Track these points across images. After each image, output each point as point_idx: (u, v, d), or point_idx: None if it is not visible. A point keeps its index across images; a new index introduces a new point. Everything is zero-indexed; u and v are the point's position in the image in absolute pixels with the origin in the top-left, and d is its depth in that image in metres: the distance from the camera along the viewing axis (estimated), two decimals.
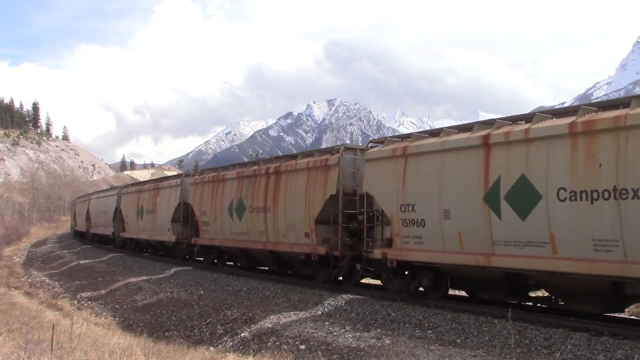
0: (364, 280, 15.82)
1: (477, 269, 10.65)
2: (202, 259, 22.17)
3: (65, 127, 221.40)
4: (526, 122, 10.18)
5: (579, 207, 8.81)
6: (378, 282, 15.19)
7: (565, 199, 8.98)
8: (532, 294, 11.50)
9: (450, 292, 13.24)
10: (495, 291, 11.20)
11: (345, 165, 14.30)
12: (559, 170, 9.11)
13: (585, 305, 9.68)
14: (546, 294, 10.92)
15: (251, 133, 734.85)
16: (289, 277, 17.43)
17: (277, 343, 10.12)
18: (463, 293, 13.92)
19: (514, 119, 10.66)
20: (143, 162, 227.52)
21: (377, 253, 12.69)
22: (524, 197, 9.57)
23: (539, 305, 11.29)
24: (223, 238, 19.31)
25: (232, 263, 21.24)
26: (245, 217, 17.56)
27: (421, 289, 12.33)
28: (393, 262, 12.32)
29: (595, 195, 8.61)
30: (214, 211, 19.60)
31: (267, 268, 18.99)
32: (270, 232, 16.37)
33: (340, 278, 14.93)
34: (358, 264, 14.21)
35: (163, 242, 25.47)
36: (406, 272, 12.60)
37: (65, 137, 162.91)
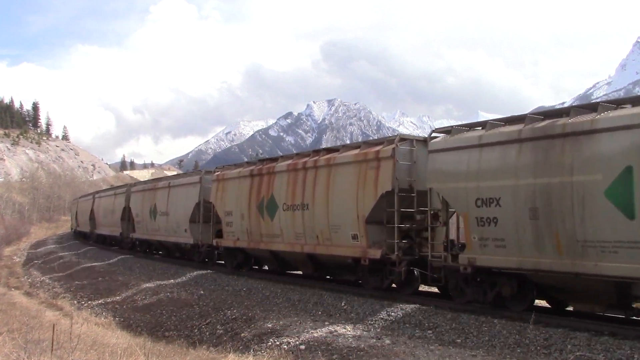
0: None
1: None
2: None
3: (65, 127, 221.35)
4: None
5: None
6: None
7: None
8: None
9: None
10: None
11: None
12: None
13: None
14: None
15: (251, 133, 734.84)
16: (290, 277, 17.36)
17: (278, 343, 10.12)
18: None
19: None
20: (143, 162, 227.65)
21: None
22: None
23: None
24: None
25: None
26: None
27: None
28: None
29: None
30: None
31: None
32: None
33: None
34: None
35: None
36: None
37: (65, 137, 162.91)
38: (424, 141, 12.70)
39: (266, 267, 19.21)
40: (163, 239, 25.23)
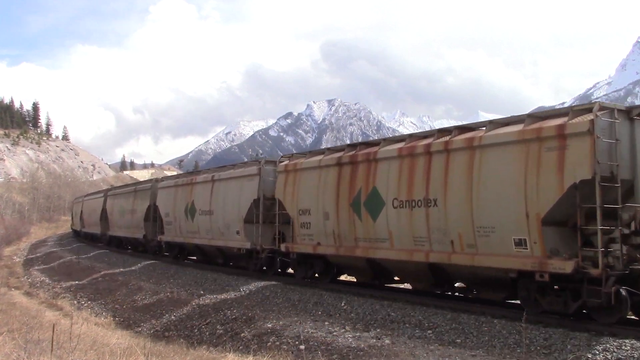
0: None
1: None
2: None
3: (65, 127, 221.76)
4: None
5: None
6: None
7: None
8: None
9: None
10: None
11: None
12: None
13: None
14: None
15: (251, 133, 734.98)
16: (291, 278, 17.31)
17: (277, 343, 10.12)
18: None
19: None
20: (143, 162, 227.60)
21: None
22: None
23: None
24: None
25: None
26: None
27: None
28: None
29: None
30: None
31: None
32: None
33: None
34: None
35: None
36: None
37: (65, 137, 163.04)
38: (627, 112, 9.50)
39: (358, 279, 15.44)
40: (204, 243, 21.02)
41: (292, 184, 15.57)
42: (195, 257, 23.85)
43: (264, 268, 17.81)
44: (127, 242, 32.08)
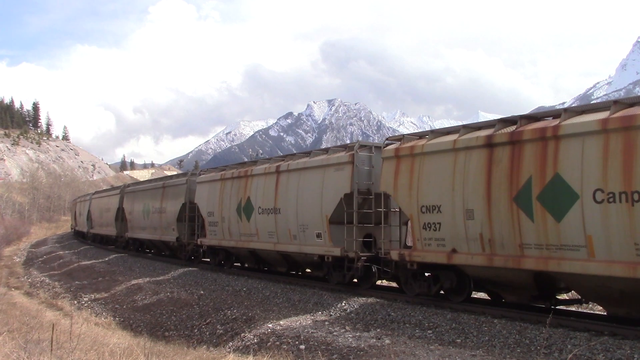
0: None
1: None
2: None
3: (65, 127, 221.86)
4: None
5: None
6: None
7: None
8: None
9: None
10: None
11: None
12: None
13: None
14: None
15: (251, 133, 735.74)
16: (295, 278, 17.28)
17: (277, 343, 10.11)
18: None
19: None
20: (143, 162, 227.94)
21: None
22: None
23: None
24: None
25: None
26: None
27: None
28: None
29: None
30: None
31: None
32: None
33: None
34: None
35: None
36: None
37: (65, 137, 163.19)
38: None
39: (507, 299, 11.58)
40: (264, 248, 17.13)
41: (407, 172, 12.10)
42: (239, 264, 20.74)
43: (355, 280, 14.39)
44: (152, 245, 28.79)
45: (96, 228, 39.94)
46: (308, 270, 17.01)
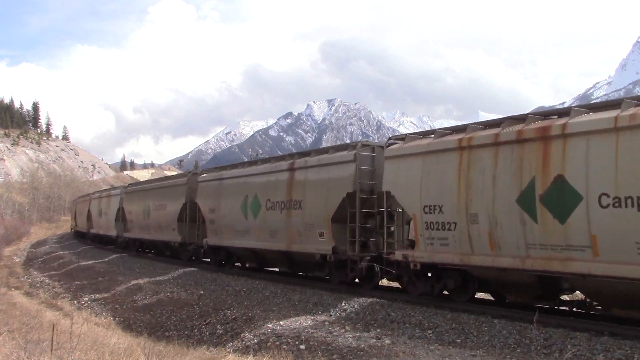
0: None
1: None
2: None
3: (65, 127, 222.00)
4: None
5: None
6: None
7: None
8: None
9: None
10: None
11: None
12: None
13: None
14: None
15: (251, 133, 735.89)
16: (297, 278, 17.26)
17: (277, 343, 10.11)
18: None
19: None
20: (143, 162, 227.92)
21: None
22: None
23: None
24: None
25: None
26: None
27: None
28: None
29: None
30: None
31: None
32: None
33: None
34: None
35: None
36: None
37: (65, 137, 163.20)
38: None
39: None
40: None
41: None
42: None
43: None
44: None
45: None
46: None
